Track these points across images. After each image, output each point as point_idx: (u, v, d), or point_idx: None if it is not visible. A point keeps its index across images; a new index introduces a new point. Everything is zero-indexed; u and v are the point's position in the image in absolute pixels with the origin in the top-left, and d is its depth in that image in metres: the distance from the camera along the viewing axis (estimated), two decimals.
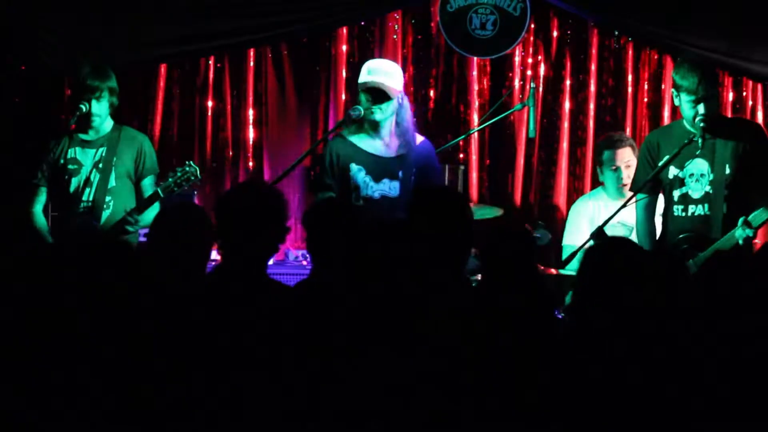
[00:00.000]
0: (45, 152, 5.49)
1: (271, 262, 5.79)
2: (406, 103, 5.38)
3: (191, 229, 3.74)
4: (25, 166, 5.66)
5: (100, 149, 5.47)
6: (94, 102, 5.39)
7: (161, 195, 5.27)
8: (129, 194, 5.49)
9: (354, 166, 5.26)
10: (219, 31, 6.54)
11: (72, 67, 5.70)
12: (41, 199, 5.52)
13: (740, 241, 4.81)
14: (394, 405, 3.16)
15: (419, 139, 5.40)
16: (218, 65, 6.85)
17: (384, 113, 5.25)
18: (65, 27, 6.38)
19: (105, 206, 5.42)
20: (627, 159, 5.82)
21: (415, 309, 3.41)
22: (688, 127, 5.05)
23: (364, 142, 5.30)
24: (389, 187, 5.26)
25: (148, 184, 5.50)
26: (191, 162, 5.36)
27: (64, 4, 6.41)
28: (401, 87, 5.36)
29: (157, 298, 3.47)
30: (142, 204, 5.30)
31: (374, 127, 5.28)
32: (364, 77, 5.30)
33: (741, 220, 4.81)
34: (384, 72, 5.31)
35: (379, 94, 5.25)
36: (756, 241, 5.85)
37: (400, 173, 5.27)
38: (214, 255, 6.26)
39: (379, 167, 5.26)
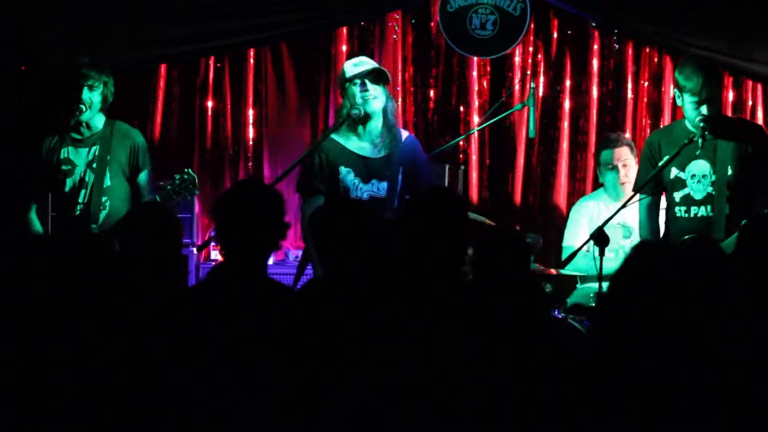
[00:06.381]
0: (38, 153, 5.47)
1: (270, 261, 5.81)
2: (392, 98, 5.34)
3: (157, 230, 3.77)
4: (24, 167, 5.65)
5: (93, 148, 5.41)
6: (85, 90, 5.33)
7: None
8: (125, 192, 5.44)
9: (343, 169, 5.20)
10: (219, 31, 6.54)
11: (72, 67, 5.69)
12: (35, 201, 5.49)
13: None
14: (394, 405, 3.17)
15: (404, 134, 5.36)
16: (218, 65, 6.86)
17: (381, 98, 5.19)
18: (65, 27, 6.38)
19: (101, 207, 5.39)
20: (624, 158, 5.83)
21: (413, 309, 3.42)
22: (689, 127, 5.04)
23: (351, 142, 5.24)
24: (377, 188, 5.20)
25: (143, 181, 5.46)
26: (189, 170, 5.32)
27: (64, 4, 6.41)
28: None
29: (154, 299, 3.48)
30: None
31: (364, 123, 5.22)
32: (354, 69, 5.21)
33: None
34: (371, 62, 5.28)
35: (378, 76, 5.21)
36: None
37: (388, 173, 5.24)
38: (215, 255, 6.34)
39: (367, 169, 5.20)
